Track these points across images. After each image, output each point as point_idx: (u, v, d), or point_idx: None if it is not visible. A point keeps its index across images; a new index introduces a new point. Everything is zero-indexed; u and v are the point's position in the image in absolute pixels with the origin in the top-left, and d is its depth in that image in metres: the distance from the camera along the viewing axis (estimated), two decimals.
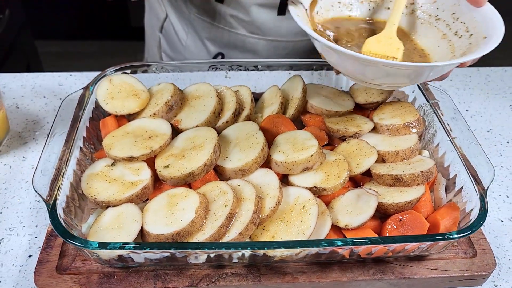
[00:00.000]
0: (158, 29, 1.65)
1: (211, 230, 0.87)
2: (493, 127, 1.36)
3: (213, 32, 1.49)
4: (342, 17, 0.97)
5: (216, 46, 1.54)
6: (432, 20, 0.95)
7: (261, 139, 1.02)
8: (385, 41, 0.89)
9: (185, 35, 1.56)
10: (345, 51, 0.78)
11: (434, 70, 0.82)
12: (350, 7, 0.97)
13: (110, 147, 1.01)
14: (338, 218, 0.93)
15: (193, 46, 1.57)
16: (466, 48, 0.86)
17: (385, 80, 0.85)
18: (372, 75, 0.84)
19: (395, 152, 1.03)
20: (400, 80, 0.87)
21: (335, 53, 0.80)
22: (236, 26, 1.44)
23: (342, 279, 0.92)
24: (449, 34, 0.92)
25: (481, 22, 0.87)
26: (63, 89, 1.42)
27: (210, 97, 1.13)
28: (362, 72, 0.84)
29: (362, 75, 0.85)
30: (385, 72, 0.82)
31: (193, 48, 1.58)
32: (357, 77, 0.90)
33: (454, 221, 0.93)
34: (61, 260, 0.93)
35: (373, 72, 0.83)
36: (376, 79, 0.85)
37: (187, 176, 0.95)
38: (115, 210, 0.93)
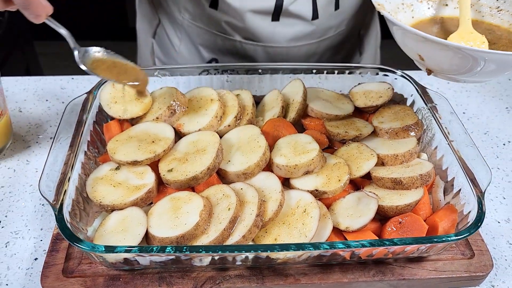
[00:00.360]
0: (151, 35, 1.65)
1: (215, 233, 0.89)
2: (490, 130, 1.39)
3: (207, 38, 1.50)
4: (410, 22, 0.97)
5: (210, 52, 1.54)
6: (494, 11, 0.95)
7: (263, 143, 1.04)
8: (467, 37, 0.87)
9: (178, 41, 1.56)
10: (449, 43, 0.77)
11: None
12: (411, 7, 0.96)
13: (114, 151, 1.02)
14: (339, 221, 0.95)
15: (187, 52, 1.58)
16: None
17: (478, 72, 0.82)
18: (469, 68, 0.81)
19: (394, 155, 1.05)
20: (491, 71, 0.83)
21: (436, 45, 0.78)
22: (230, 32, 1.45)
23: (343, 281, 0.94)
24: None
25: None
26: (65, 93, 1.43)
27: (212, 101, 1.15)
28: (461, 65, 0.81)
29: (461, 68, 0.82)
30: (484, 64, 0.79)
31: (186, 54, 1.59)
32: (452, 72, 0.87)
33: (452, 223, 0.95)
34: (67, 263, 0.94)
35: (471, 64, 0.80)
36: (472, 72, 0.82)
37: (191, 180, 0.97)
38: (120, 213, 0.94)
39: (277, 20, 1.40)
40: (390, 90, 1.21)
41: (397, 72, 1.25)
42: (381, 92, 1.21)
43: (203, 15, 1.43)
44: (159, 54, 1.67)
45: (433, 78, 1.53)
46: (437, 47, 0.80)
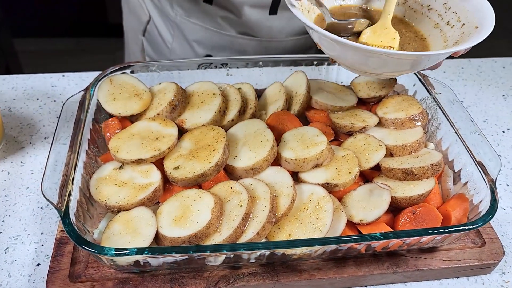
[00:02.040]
0: (141, 32, 1.60)
1: (228, 231, 0.87)
2: (489, 117, 1.39)
3: (201, 34, 1.46)
4: (335, 7, 0.97)
5: (204, 48, 1.51)
6: (425, 9, 0.96)
7: (270, 137, 1.01)
8: (380, 31, 0.89)
9: (171, 37, 1.52)
10: (344, 41, 0.77)
11: (431, 59, 0.83)
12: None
13: (117, 150, 0.98)
14: (352, 214, 0.94)
15: (180, 49, 1.54)
16: (459, 37, 0.87)
17: (384, 69, 0.85)
18: (372, 65, 0.83)
19: (402, 146, 1.04)
20: (398, 68, 0.85)
21: (335, 44, 0.79)
22: (226, 27, 1.42)
23: (358, 274, 0.92)
24: (441, 24, 0.93)
25: (473, 12, 0.88)
26: (57, 91, 1.38)
27: (215, 95, 1.12)
28: (362, 62, 0.83)
29: (362, 65, 0.85)
30: (384, 61, 0.82)
31: (179, 51, 1.54)
32: (356, 67, 0.89)
33: (464, 212, 0.95)
34: (73, 267, 0.90)
35: (373, 62, 0.82)
36: (376, 69, 0.84)
37: (199, 177, 0.94)
38: (128, 214, 0.91)
39: (274, 14, 1.37)
40: (393, 80, 1.20)
41: None
42: (384, 83, 1.20)
43: (197, 10, 1.39)
44: (150, 52, 1.62)
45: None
46: (330, 42, 0.81)
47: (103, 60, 4.02)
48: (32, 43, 3.97)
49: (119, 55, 1.87)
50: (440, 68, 1.57)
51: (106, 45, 4.10)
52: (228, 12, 1.36)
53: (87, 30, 4.17)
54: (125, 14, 1.64)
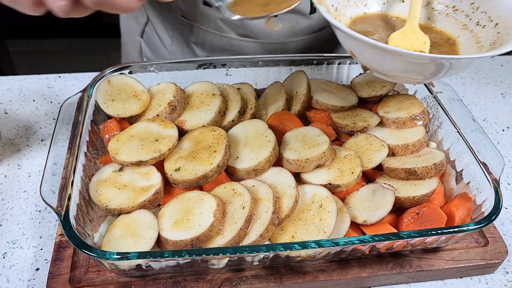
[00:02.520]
0: (139, 34, 1.58)
1: (231, 233, 0.86)
2: (488, 116, 1.39)
3: (201, 37, 1.44)
4: (359, 16, 0.95)
5: (203, 51, 1.49)
6: (450, 11, 0.94)
7: (272, 138, 1.00)
8: (410, 35, 0.87)
9: (170, 39, 1.50)
10: (383, 46, 0.75)
11: (474, 62, 0.80)
12: (365, 2, 0.95)
13: (116, 152, 0.97)
14: (355, 214, 0.93)
15: (179, 51, 1.52)
16: (495, 38, 0.84)
17: (415, 74, 0.82)
18: (415, 71, 0.81)
19: (405, 145, 1.03)
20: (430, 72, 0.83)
21: (370, 48, 0.77)
22: (226, 29, 1.40)
23: (362, 275, 0.92)
24: (470, 25, 0.90)
25: (507, 12, 0.85)
26: (53, 92, 1.36)
27: (214, 96, 1.10)
28: (403, 68, 0.80)
29: (403, 71, 0.81)
30: (417, 65, 0.79)
31: (178, 54, 1.52)
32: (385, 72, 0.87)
33: (467, 211, 0.94)
34: (73, 272, 0.89)
35: (417, 68, 0.79)
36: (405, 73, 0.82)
37: (200, 179, 0.93)
38: (128, 217, 0.89)
39: (274, 16, 1.36)
40: None
41: None
42: (384, 82, 1.19)
43: (197, 12, 1.37)
44: (148, 54, 1.60)
45: None
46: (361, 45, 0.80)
47: (98, 61, 3.99)
48: (25, 44, 3.94)
49: (114, 55, 1.85)
50: None
51: (100, 45, 4.08)
52: None
53: (81, 31, 4.14)
54: (122, 16, 1.62)
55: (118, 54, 1.76)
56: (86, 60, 3.89)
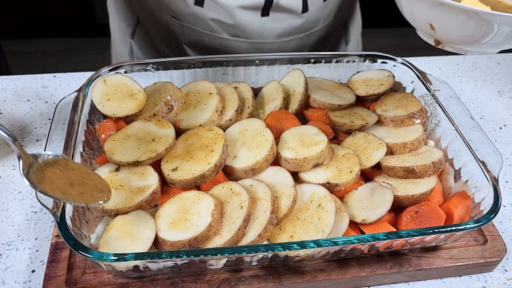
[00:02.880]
0: (129, 35, 1.56)
1: (229, 233, 0.85)
2: (485, 114, 1.39)
3: (193, 37, 1.43)
4: None
5: (195, 51, 1.48)
6: None
7: (270, 137, 1.00)
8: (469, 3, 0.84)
9: (161, 41, 1.49)
10: (466, 6, 0.72)
11: None
12: None
13: (112, 152, 0.96)
14: (354, 213, 0.92)
15: (170, 52, 1.50)
16: None
17: (498, 40, 0.78)
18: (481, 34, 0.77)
19: (403, 144, 1.03)
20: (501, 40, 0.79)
21: (451, 10, 0.73)
22: (217, 29, 1.39)
23: (361, 275, 0.91)
24: None
25: None
26: (48, 92, 1.35)
27: (211, 95, 1.09)
28: (474, 32, 0.77)
29: (473, 35, 0.77)
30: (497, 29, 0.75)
31: (170, 54, 1.51)
32: (463, 42, 0.82)
33: (466, 210, 0.94)
34: (70, 273, 0.88)
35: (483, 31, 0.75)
36: (482, 40, 0.77)
37: (198, 179, 0.92)
38: (125, 218, 0.88)
39: (266, 15, 1.35)
40: (391, 77, 1.19)
41: (397, 59, 1.23)
42: (381, 80, 1.19)
43: (188, 13, 1.36)
44: (139, 55, 1.58)
45: (425, 66, 1.52)
46: (452, 12, 0.76)
47: (92, 61, 3.97)
48: (20, 44, 3.91)
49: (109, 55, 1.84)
50: (436, 65, 1.56)
51: (94, 45, 4.05)
52: (219, 14, 1.34)
53: (75, 30, 4.12)
54: (112, 17, 1.60)
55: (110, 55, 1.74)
56: (81, 60, 3.86)
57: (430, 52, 1.58)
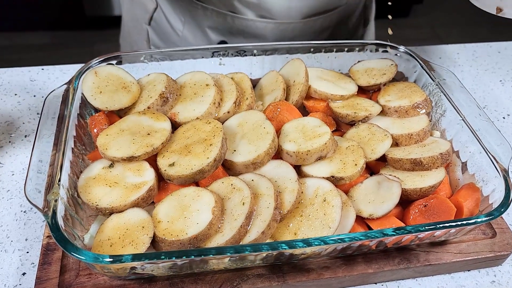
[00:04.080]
0: (146, 22, 1.50)
1: (231, 231, 0.81)
2: (488, 103, 1.36)
3: (216, 19, 1.38)
4: None
5: (218, 34, 1.43)
6: None
7: (271, 129, 0.95)
8: None
9: (182, 25, 1.44)
10: None
11: None
12: None
13: (106, 147, 0.91)
14: (360, 208, 0.88)
15: (191, 36, 1.46)
16: None
17: None
18: None
19: (408, 135, 0.99)
20: None
21: None
22: (243, 11, 1.34)
23: (368, 271, 0.87)
24: None
25: None
26: (36, 85, 1.29)
27: (208, 86, 1.05)
28: None
29: None
30: None
31: (191, 39, 1.46)
32: None
33: (476, 202, 0.91)
34: (63, 276, 0.83)
35: None
36: None
37: (197, 174, 0.88)
38: (121, 216, 0.84)
39: None
40: (394, 66, 1.15)
41: (399, 48, 1.18)
42: (384, 69, 1.15)
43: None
44: (156, 41, 1.53)
45: (425, 55, 1.49)
46: None
47: (81, 54, 3.88)
48: (5, 38, 3.81)
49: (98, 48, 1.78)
50: (436, 54, 1.53)
51: (83, 38, 3.97)
52: None
53: (63, 23, 4.03)
54: (126, 4, 1.54)
55: (103, 47, 1.69)
56: (69, 54, 3.78)
57: (423, 43, 1.55)
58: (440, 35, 4.27)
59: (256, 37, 1.39)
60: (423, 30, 4.26)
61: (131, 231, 0.81)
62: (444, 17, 4.42)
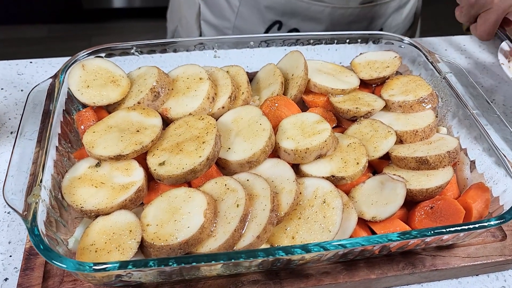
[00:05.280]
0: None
1: (224, 235, 0.75)
2: (496, 98, 1.30)
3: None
4: None
5: (274, 14, 1.39)
6: None
7: (267, 125, 0.90)
8: None
9: (238, 1, 1.39)
10: None
11: None
12: None
13: (92, 145, 0.86)
14: (362, 210, 0.83)
15: (247, 13, 1.41)
16: None
17: None
18: None
19: (413, 132, 0.94)
20: None
21: None
22: None
23: (370, 277, 0.82)
24: None
25: None
26: (24, 79, 1.23)
27: (202, 80, 0.99)
28: None
29: None
30: None
31: (246, 15, 1.42)
32: None
33: (485, 204, 0.86)
34: (46, 283, 0.78)
35: None
36: None
37: (188, 174, 0.82)
38: (107, 219, 0.79)
39: None
40: (397, 59, 1.10)
41: (403, 39, 1.13)
42: (387, 62, 1.09)
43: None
44: (208, 17, 1.48)
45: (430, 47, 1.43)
46: None
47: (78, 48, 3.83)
48: (1, 31, 3.75)
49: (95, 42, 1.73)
50: (441, 46, 1.47)
51: (80, 31, 3.91)
52: None
53: (60, 16, 3.96)
54: None
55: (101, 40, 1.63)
56: (66, 47, 3.72)
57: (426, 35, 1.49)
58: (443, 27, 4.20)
59: (313, 20, 1.36)
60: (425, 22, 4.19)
61: (117, 235, 0.76)
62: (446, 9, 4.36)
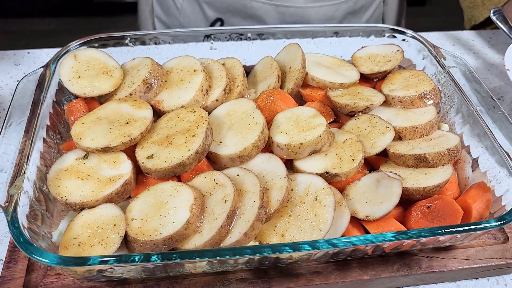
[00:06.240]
0: None
1: (210, 231, 0.73)
2: (504, 94, 1.25)
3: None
4: None
5: (215, 11, 1.38)
6: None
7: (260, 119, 0.87)
8: None
9: None
10: None
11: None
12: None
13: (80, 136, 0.84)
14: (356, 208, 0.80)
15: (189, 10, 1.41)
16: None
17: None
18: None
19: (413, 128, 0.90)
20: None
21: None
22: None
23: (363, 278, 0.79)
24: None
25: None
26: (20, 69, 1.22)
27: (196, 72, 0.97)
28: None
29: None
30: None
31: (189, 12, 1.42)
32: None
33: (486, 204, 0.82)
34: (29, 276, 0.77)
35: None
36: None
37: (176, 167, 0.80)
38: (92, 213, 0.77)
39: None
40: (400, 53, 1.06)
41: (406, 33, 1.09)
42: (389, 56, 1.06)
43: None
44: (159, 13, 1.51)
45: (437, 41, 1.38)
46: None
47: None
48: (12, 24, 3.77)
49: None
50: (449, 41, 1.42)
51: (91, 24, 3.91)
52: None
53: (70, 10, 3.97)
54: None
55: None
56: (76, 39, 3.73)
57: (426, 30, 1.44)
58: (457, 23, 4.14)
59: (254, 18, 1.32)
60: (439, 18, 4.12)
61: (101, 229, 0.74)
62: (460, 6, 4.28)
